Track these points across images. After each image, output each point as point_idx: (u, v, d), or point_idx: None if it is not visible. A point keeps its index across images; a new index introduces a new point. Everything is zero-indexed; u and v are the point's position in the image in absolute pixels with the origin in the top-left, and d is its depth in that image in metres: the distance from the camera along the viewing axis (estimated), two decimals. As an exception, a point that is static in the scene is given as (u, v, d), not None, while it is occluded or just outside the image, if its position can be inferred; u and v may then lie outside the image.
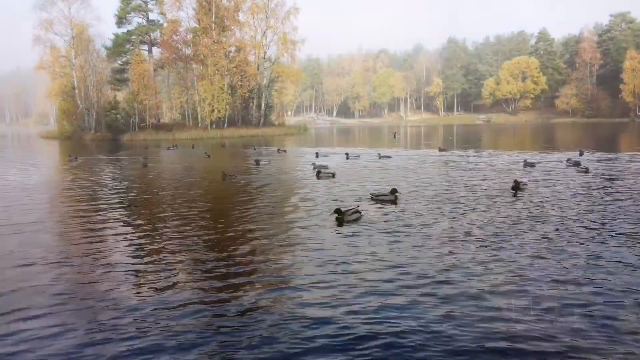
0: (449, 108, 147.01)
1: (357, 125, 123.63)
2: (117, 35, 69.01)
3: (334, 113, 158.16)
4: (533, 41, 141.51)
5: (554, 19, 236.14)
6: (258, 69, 64.30)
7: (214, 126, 58.19)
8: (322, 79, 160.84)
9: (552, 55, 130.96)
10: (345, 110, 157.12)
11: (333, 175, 19.13)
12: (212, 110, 57.09)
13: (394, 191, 13.49)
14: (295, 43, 64.20)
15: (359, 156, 27.76)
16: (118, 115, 53.22)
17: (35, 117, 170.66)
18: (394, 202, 13.15)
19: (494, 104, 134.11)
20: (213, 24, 57.62)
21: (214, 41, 56.81)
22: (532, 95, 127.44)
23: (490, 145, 37.93)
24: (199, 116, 58.67)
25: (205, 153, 31.87)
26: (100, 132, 53.75)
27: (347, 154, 28.27)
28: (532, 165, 21.72)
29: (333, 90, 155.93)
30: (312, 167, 22.01)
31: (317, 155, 28.93)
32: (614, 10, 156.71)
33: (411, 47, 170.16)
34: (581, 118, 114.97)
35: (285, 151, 34.20)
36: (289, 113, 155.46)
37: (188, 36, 61.32)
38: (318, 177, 18.93)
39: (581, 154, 26.25)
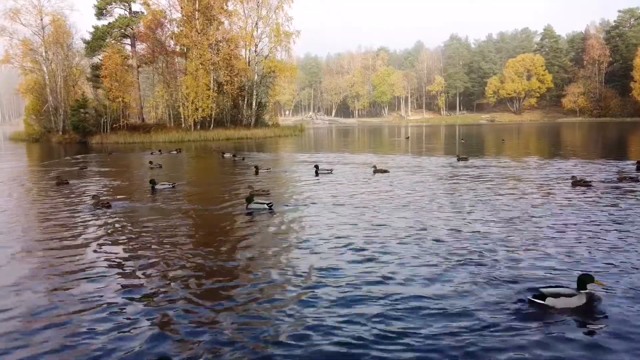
0: (451, 107, 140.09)
1: (356, 125, 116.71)
2: (96, 28, 62.17)
3: (333, 113, 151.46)
4: (537, 38, 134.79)
5: (556, 16, 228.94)
6: (249, 64, 57.30)
7: (197, 127, 51.03)
8: (321, 77, 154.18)
9: (558, 52, 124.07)
10: (344, 110, 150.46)
11: (269, 208, 11.97)
12: (196, 109, 49.90)
13: (584, 281, 5.87)
14: (290, 35, 56.78)
15: (331, 171, 19.89)
16: (86, 115, 45.99)
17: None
18: (587, 306, 5.79)
19: (497, 103, 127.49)
20: (197, 12, 50.37)
21: (197, 31, 49.59)
22: (538, 94, 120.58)
23: (514, 151, 31.03)
24: (182, 116, 51.35)
25: (151, 162, 24.41)
26: (68, 134, 46.56)
27: (316, 167, 20.05)
28: (586, 184, 15.02)
29: (332, 89, 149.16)
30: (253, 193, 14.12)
31: (256, 170, 20.40)
32: (619, 6, 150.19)
33: (412, 45, 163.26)
34: (589, 117, 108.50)
35: (243, 159, 27.13)
36: (287, 112, 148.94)
37: (170, 27, 54.29)
38: (248, 210, 12.01)
39: (639, 168, 19.33)
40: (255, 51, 57.73)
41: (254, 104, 57.54)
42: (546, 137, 48.73)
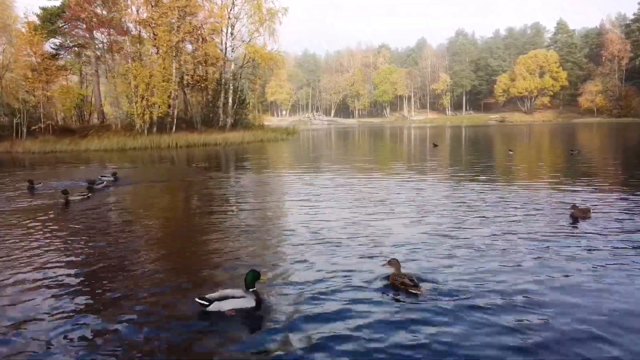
0: (457, 107, 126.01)
1: (356, 126, 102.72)
2: (44, 10, 48.81)
3: (332, 113, 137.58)
4: (549, 34, 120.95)
5: (565, 12, 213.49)
6: (225, 51, 43.65)
7: (153, 130, 37.34)
8: (320, 76, 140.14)
9: (573, 48, 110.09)
10: (344, 110, 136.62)
11: None
12: (150, 106, 36.31)
13: None
14: (274, 13, 42.75)
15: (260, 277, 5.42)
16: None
17: None
18: None
19: (506, 102, 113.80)
20: (150, -20, 36.74)
21: (150, 4, 35.97)
22: (551, 92, 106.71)
23: (622, 176, 17.38)
24: (135, 115, 37.45)
25: None
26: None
27: (255, 273, 5.32)
28: None
29: (331, 89, 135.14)
30: None
31: None
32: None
33: (414, 42, 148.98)
34: (608, 117, 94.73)
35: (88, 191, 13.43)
36: (284, 112, 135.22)
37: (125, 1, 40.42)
38: None
39: None
40: (232, 34, 43.77)
41: (230, 100, 43.83)
42: (620, 145, 35.02)
